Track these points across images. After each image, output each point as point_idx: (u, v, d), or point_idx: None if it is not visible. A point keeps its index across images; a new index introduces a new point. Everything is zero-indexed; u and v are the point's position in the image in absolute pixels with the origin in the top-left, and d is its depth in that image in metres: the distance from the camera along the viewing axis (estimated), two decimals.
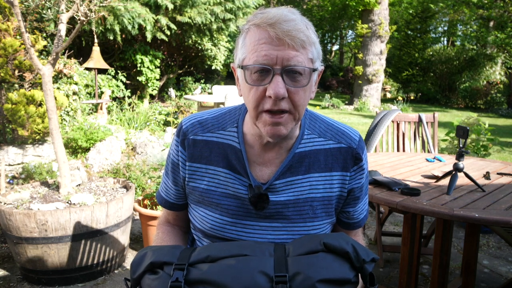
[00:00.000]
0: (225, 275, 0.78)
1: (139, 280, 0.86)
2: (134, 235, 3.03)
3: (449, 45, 22.11)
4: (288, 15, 0.82)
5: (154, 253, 0.87)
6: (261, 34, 0.82)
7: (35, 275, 2.28)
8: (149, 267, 0.85)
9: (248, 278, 0.77)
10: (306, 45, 0.83)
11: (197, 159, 0.99)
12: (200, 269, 0.81)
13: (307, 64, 0.84)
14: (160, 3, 6.25)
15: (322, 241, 0.82)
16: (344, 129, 1.01)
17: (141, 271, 0.86)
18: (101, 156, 4.03)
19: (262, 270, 0.78)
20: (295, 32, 0.80)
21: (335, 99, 13.80)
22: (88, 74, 5.61)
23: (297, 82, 0.84)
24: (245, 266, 0.79)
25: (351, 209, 1.04)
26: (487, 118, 10.84)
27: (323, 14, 19.96)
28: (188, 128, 1.01)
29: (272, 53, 0.81)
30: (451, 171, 1.80)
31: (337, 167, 0.97)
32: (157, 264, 0.85)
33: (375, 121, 3.22)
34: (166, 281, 0.80)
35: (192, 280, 0.80)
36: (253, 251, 0.83)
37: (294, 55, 0.81)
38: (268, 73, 0.83)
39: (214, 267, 0.81)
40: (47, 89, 2.45)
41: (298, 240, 0.88)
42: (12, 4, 2.28)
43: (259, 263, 0.80)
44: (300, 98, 0.85)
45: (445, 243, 1.84)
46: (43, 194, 2.54)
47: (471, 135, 3.89)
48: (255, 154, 0.97)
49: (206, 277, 0.79)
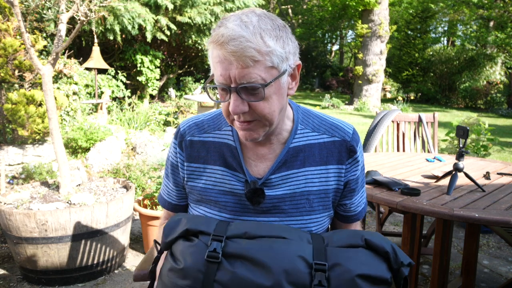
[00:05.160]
0: (264, 254, 0.78)
1: (171, 244, 0.86)
2: (134, 235, 3.03)
3: (449, 45, 22.12)
4: (236, 32, 0.80)
5: (189, 220, 0.87)
6: (215, 53, 0.84)
7: (35, 275, 2.28)
8: (184, 233, 0.85)
9: (288, 261, 0.77)
10: (257, 57, 0.81)
11: (195, 159, 1.02)
12: (239, 243, 0.81)
13: (264, 75, 0.83)
14: (160, 3, 6.25)
15: (364, 237, 0.84)
16: (338, 123, 1.03)
17: (175, 236, 0.85)
18: (101, 156, 4.03)
19: (302, 256, 0.79)
20: (241, 51, 0.80)
21: (335, 99, 13.80)
22: (88, 74, 5.61)
23: (255, 95, 0.85)
24: (286, 249, 0.80)
25: (347, 201, 1.05)
26: (487, 118, 10.84)
27: (323, 14, 19.95)
28: (186, 130, 1.05)
29: (225, 73, 0.83)
30: (451, 171, 1.80)
31: (332, 161, 0.99)
32: (193, 231, 0.85)
33: (375, 121, 3.22)
34: (203, 250, 0.80)
35: (230, 253, 0.80)
36: (291, 235, 0.84)
37: (246, 72, 0.82)
38: (226, 92, 0.86)
39: (253, 244, 0.81)
40: (47, 89, 2.45)
41: (337, 232, 0.89)
42: (12, 4, 2.28)
43: (299, 248, 0.80)
44: (263, 108, 0.86)
45: (445, 243, 1.84)
46: (43, 194, 2.54)
47: (471, 135, 3.89)
48: (249, 150, 1.00)
49: (245, 252, 0.79)
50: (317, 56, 23.94)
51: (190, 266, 0.80)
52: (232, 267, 0.78)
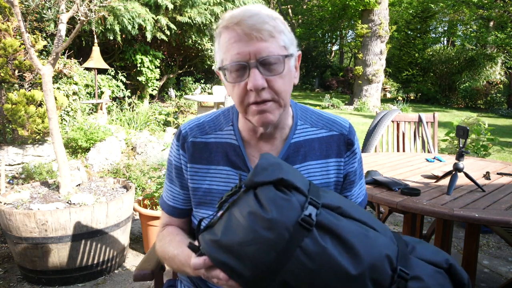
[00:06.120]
0: (359, 240, 0.74)
1: (258, 186, 0.77)
2: (134, 235, 3.03)
3: (449, 45, 22.10)
4: (251, 10, 0.87)
5: (286, 169, 0.79)
6: (230, 34, 0.87)
7: (35, 275, 2.28)
8: (278, 181, 0.76)
9: (378, 255, 0.74)
10: (274, 33, 0.86)
11: (198, 160, 1.02)
12: (334, 217, 0.76)
13: (280, 52, 0.87)
14: (160, 3, 6.25)
15: (449, 262, 0.81)
16: (334, 118, 1.07)
17: (268, 179, 0.76)
18: (101, 156, 4.03)
19: (389, 255, 0.75)
20: (260, 24, 0.84)
21: (335, 99, 13.79)
22: (88, 74, 5.60)
23: (273, 70, 0.87)
24: (377, 242, 0.76)
25: (348, 193, 1.07)
26: (487, 118, 10.84)
27: (323, 14, 19.95)
28: (187, 132, 1.05)
29: (244, 50, 0.85)
30: (451, 171, 1.80)
31: (332, 154, 1.02)
32: (287, 183, 0.76)
33: (375, 121, 3.23)
34: (297, 210, 0.73)
35: (324, 225, 0.74)
36: (380, 227, 0.80)
37: (264, 46, 0.85)
38: (244, 69, 0.87)
39: (348, 225, 0.75)
40: (47, 89, 2.45)
41: (421, 243, 0.86)
42: (12, 4, 2.28)
43: (388, 246, 0.77)
44: (280, 85, 0.88)
45: (445, 243, 1.84)
46: (43, 194, 2.54)
47: (471, 135, 3.89)
48: (252, 147, 1.01)
49: (340, 231, 0.73)
50: (317, 56, 23.93)
51: (280, 220, 0.72)
52: (323, 240, 0.73)
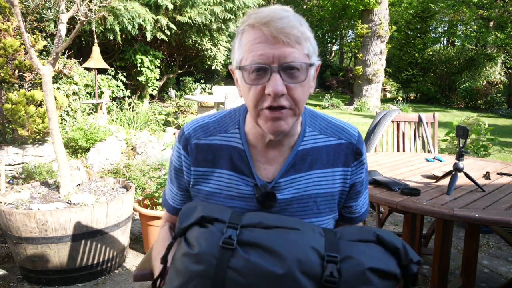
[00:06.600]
0: (278, 243, 0.79)
1: (186, 230, 0.86)
2: (134, 235, 3.03)
3: (449, 45, 22.10)
4: (281, 13, 0.84)
5: (205, 208, 0.88)
6: (256, 34, 0.83)
7: (35, 275, 2.28)
8: (200, 220, 0.85)
9: (301, 251, 0.78)
10: (301, 41, 0.84)
11: (201, 163, 1.00)
12: (253, 232, 0.82)
13: (303, 60, 0.85)
14: (160, 3, 6.25)
15: (376, 233, 0.85)
16: (344, 125, 1.04)
17: (190, 222, 0.86)
18: (101, 156, 4.03)
19: (314, 247, 0.80)
20: (289, 29, 0.82)
21: (335, 99, 13.78)
22: (88, 74, 5.60)
23: (295, 78, 0.85)
24: (299, 239, 0.81)
25: (353, 203, 1.05)
26: (487, 118, 10.84)
27: (323, 14, 19.96)
28: (190, 134, 1.01)
29: (268, 52, 0.82)
30: (451, 171, 1.80)
31: (338, 163, 0.99)
32: (208, 218, 0.85)
33: (375, 121, 3.22)
34: (218, 237, 0.81)
35: (245, 241, 0.80)
36: (304, 228, 0.85)
37: (290, 51, 0.82)
38: (265, 72, 0.84)
39: (268, 234, 0.81)
40: (47, 89, 2.45)
41: (348, 228, 0.90)
42: (12, 4, 2.28)
43: (312, 240, 0.82)
44: (299, 93, 0.86)
45: (445, 243, 1.84)
46: (43, 194, 2.54)
47: (471, 135, 3.89)
48: (259, 153, 0.98)
49: (259, 241, 0.80)
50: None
51: (205, 251, 0.80)
52: (247, 254, 0.79)
